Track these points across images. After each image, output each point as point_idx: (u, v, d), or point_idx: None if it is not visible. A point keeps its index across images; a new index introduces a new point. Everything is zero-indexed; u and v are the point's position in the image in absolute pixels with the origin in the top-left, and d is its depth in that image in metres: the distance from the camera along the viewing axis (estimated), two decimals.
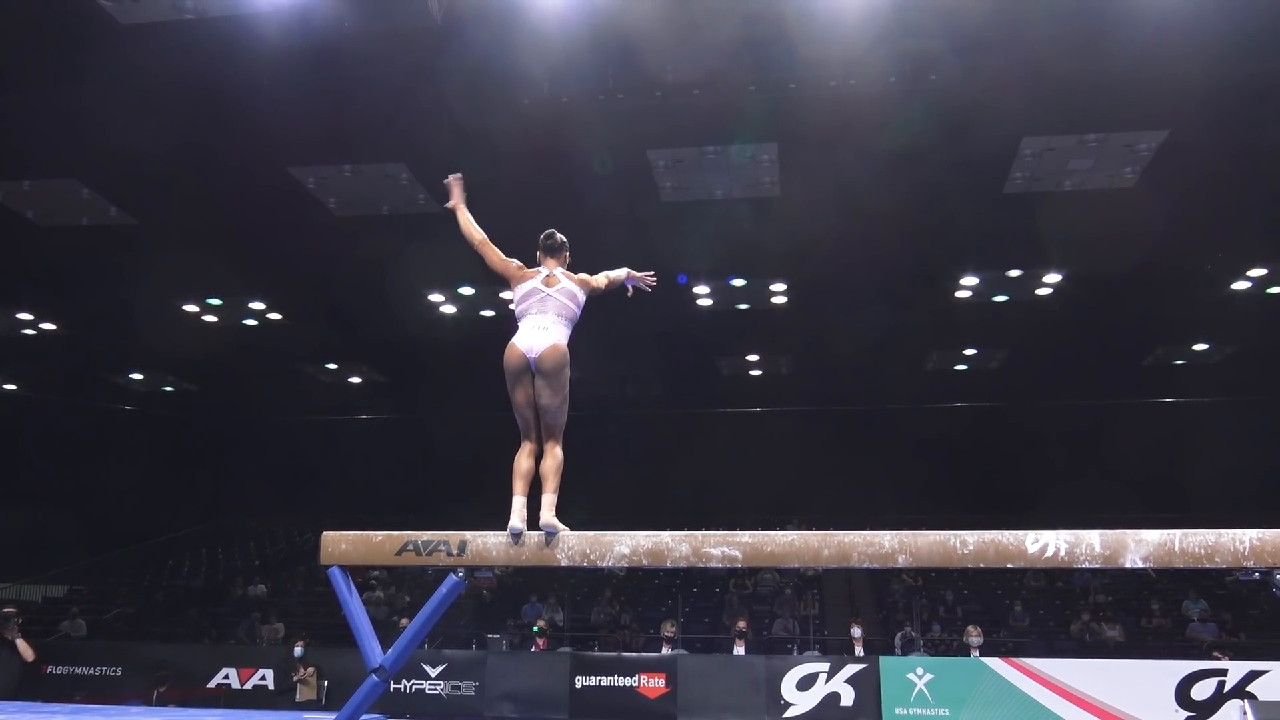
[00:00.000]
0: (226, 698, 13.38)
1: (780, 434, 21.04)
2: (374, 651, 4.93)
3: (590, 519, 5.77)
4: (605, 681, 12.28)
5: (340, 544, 5.07)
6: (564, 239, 5.38)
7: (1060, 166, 12.09)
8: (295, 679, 12.56)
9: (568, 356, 5.05)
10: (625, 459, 20.40)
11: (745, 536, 4.82)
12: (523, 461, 5.04)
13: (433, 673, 12.76)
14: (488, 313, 17.23)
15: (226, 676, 13.64)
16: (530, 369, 5.01)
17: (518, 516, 4.89)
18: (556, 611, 16.38)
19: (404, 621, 13.86)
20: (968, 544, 4.59)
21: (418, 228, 13.71)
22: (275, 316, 17.69)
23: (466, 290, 16.38)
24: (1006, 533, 4.60)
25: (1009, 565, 4.63)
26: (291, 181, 12.57)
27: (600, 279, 5.41)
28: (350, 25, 9.50)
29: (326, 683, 12.67)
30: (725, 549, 4.78)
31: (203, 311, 17.43)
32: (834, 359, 18.63)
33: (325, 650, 13.62)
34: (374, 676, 4.89)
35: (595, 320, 5.77)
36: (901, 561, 4.66)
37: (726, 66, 10.41)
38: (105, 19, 9.48)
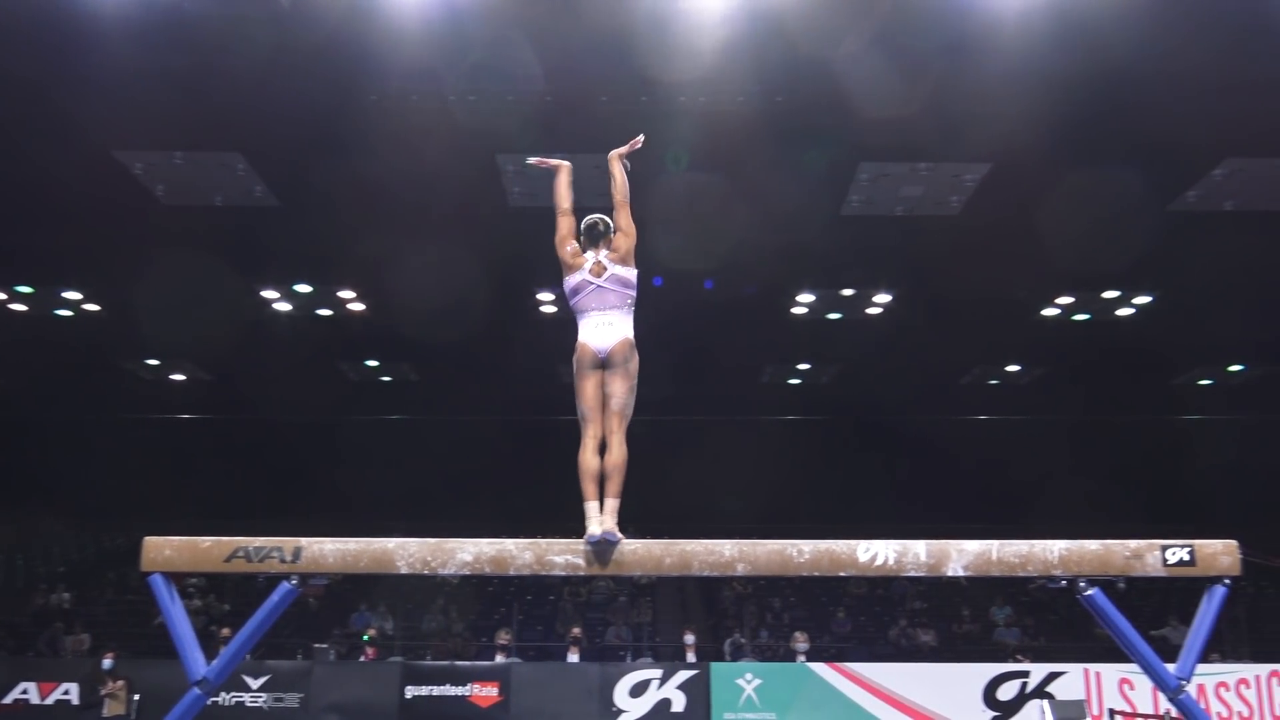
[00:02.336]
0: (26, 714, 12.49)
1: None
2: (197, 663, 4.70)
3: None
4: (437, 691, 12.07)
5: (164, 549, 4.81)
6: (609, 223, 5.23)
7: (893, 192, 12.67)
8: (103, 693, 11.80)
9: (634, 350, 5.00)
10: None
11: (588, 544, 4.83)
12: (590, 459, 4.81)
13: (254, 684, 12.25)
14: (324, 311, 16.72)
15: (25, 692, 12.71)
16: (601, 365, 4.95)
17: (596, 522, 4.66)
18: (387, 620, 16.01)
19: (224, 631, 13.27)
20: (804, 553, 4.75)
21: (252, 221, 13.19)
22: (92, 308, 16.66)
23: (302, 288, 15.84)
24: (839, 542, 4.78)
25: (841, 574, 4.81)
26: (116, 165, 11.87)
27: (625, 217, 5.21)
28: (190, 6, 9.07)
29: (137, 697, 11.96)
30: (569, 557, 4.78)
31: (10, 300, 16.24)
32: (670, 372, 18.92)
33: (136, 662, 12.87)
34: (196, 689, 4.66)
35: None
36: (740, 570, 4.78)
37: (579, 76, 10.45)
38: None
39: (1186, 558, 4.71)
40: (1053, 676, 12.03)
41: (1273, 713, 11.83)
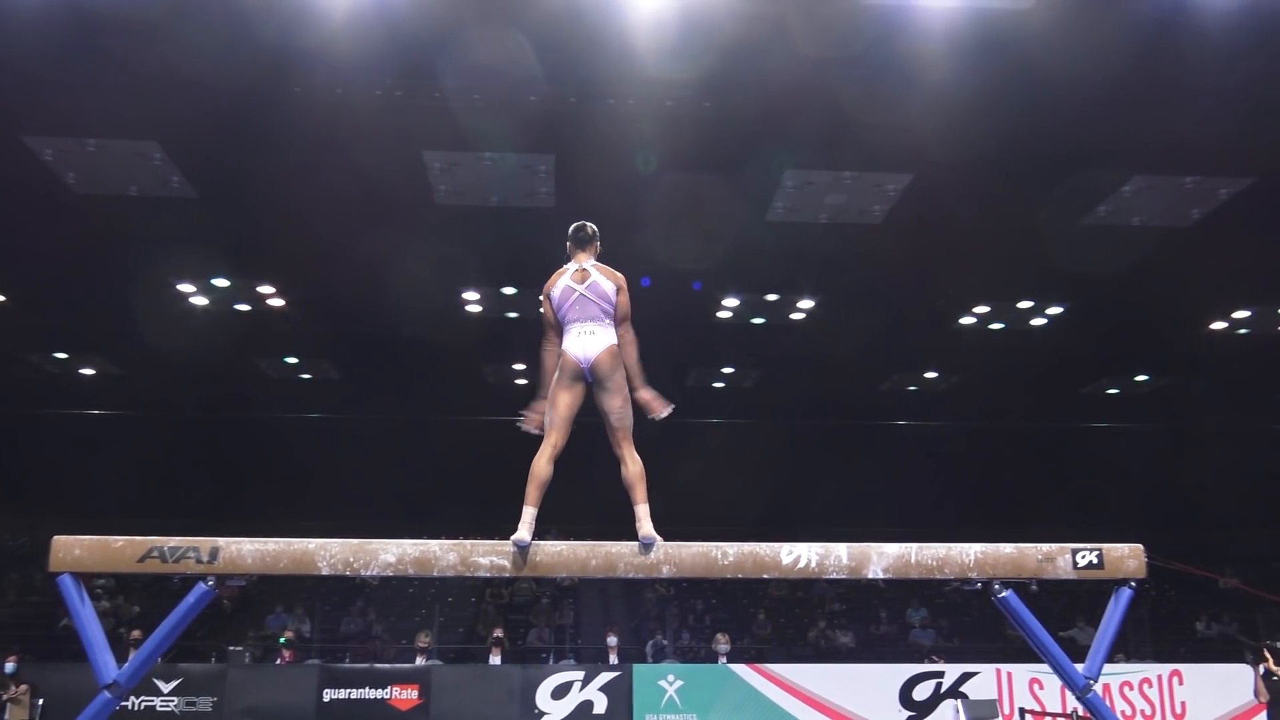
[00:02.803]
0: None
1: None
2: (107, 666, 4.56)
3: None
4: (355, 694, 11.89)
5: (74, 549, 4.66)
6: (594, 229, 5.15)
7: (818, 200, 12.84)
8: (5, 698, 11.38)
9: (618, 359, 4.90)
10: None
11: (513, 546, 4.81)
12: (543, 466, 4.81)
13: (166, 688, 11.92)
14: (242, 307, 16.35)
15: None
16: (585, 378, 4.86)
17: (526, 528, 4.67)
18: (304, 622, 15.71)
19: (135, 634, 12.90)
20: (728, 555, 4.80)
21: (169, 212, 12.83)
22: None
23: (220, 282, 15.47)
24: (764, 545, 4.84)
25: (765, 575, 4.87)
26: (25, 151, 11.45)
27: (628, 312, 5.03)
28: None
29: (41, 701, 11.56)
30: (494, 559, 4.76)
31: None
32: None
33: (41, 666, 12.43)
34: (106, 693, 4.53)
35: None
36: (666, 572, 4.81)
37: (508, 75, 10.38)
38: None
39: (1095, 561, 4.87)
40: (966, 677, 12.32)
41: (1173, 711, 12.28)
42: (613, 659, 13.57)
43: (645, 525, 4.75)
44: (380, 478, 19.91)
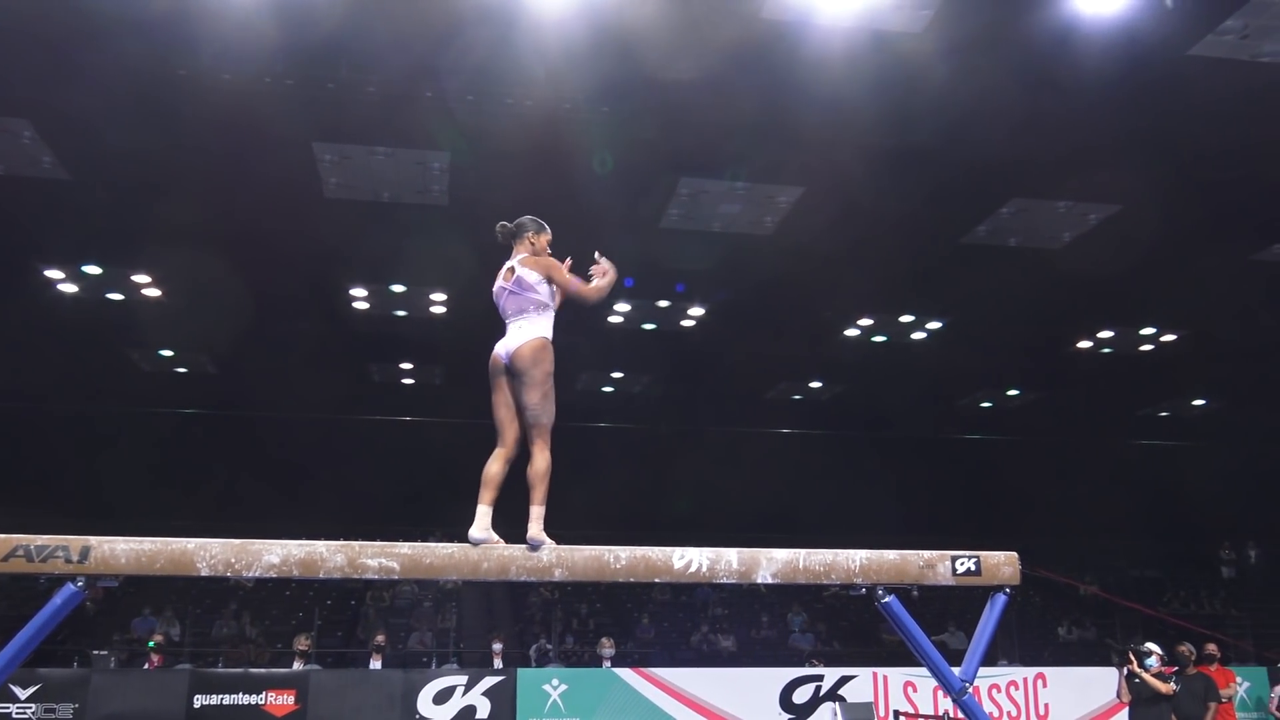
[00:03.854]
0: None
1: (425, 446, 20.85)
2: None
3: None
4: (228, 700, 11.47)
5: None
6: (511, 226, 5.17)
7: (712, 209, 13.01)
8: None
9: (543, 351, 4.84)
10: None
11: (404, 548, 4.73)
12: (493, 467, 4.82)
13: (23, 695, 11.26)
14: (115, 296, 15.64)
15: None
16: (509, 373, 4.82)
17: (479, 526, 4.66)
18: (173, 625, 15.12)
19: None
20: (620, 559, 4.80)
21: (38, 194, 12.21)
22: None
23: (92, 269, 14.77)
24: (655, 549, 4.87)
25: (657, 580, 4.90)
26: None
27: (569, 281, 5.18)
28: None
29: None
30: (383, 560, 4.67)
31: None
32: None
33: None
34: None
35: None
36: (558, 575, 4.79)
37: (406, 68, 10.22)
38: None
39: (973, 568, 5.06)
40: (844, 680, 12.60)
41: (1037, 712, 12.82)
42: (496, 663, 13.44)
43: (535, 527, 4.73)
44: (258, 477, 19.34)
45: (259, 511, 17.31)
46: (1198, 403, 22.28)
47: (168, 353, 18.88)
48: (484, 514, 4.75)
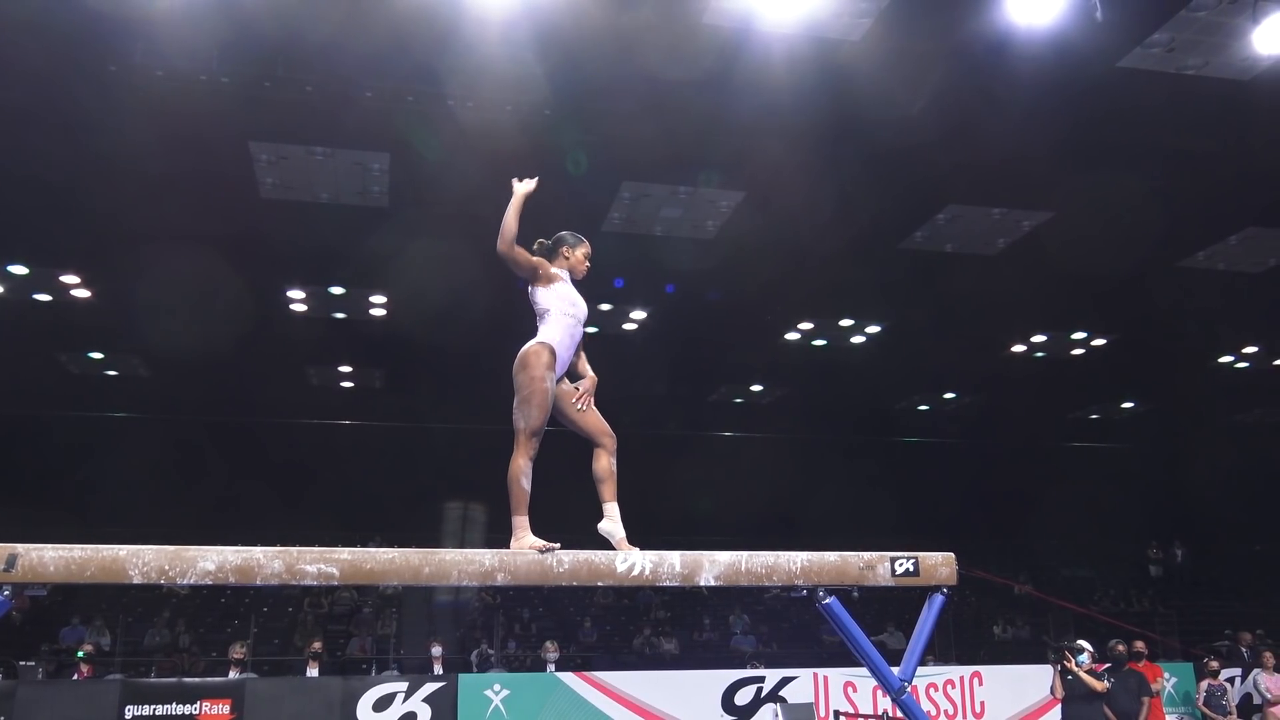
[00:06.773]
0: None
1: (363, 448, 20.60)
2: None
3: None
4: (161, 710, 11.18)
5: None
6: (554, 240, 5.36)
7: (654, 213, 13.06)
8: None
9: (526, 357, 4.99)
10: None
11: (344, 553, 4.65)
12: (595, 465, 5.13)
13: None
14: (43, 297, 15.21)
15: None
16: None
17: (605, 520, 4.97)
18: (103, 634, 14.74)
19: None
20: (563, 563, 4.77)
21: None
22: None
23: (18, 269, 14.35)
24: (598, 553, 4.84)
25: (600, 583, 4.88)
26: None
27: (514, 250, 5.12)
28: None
29: None
30: (322, 566, 4.59)
31: None
32: (431, 373, 18.55)
33: None
34: None
35: None
36: (500, 580, 4.74)
37: (344, 67, 10.10)
38: None
39: (912, 569, 5.11)
40: (785, 681, 12.68)
41: (974, 710, 13.02)
42: (437, 669, 13.32)
43: (513, 537, 4.80)
44: (197, 482, 18.92)
45: (202, 519, 17.03)
46: (1126, 405, 22.87)
47: (97, 355, 18.42)
48: (607, 510, 4.99)
